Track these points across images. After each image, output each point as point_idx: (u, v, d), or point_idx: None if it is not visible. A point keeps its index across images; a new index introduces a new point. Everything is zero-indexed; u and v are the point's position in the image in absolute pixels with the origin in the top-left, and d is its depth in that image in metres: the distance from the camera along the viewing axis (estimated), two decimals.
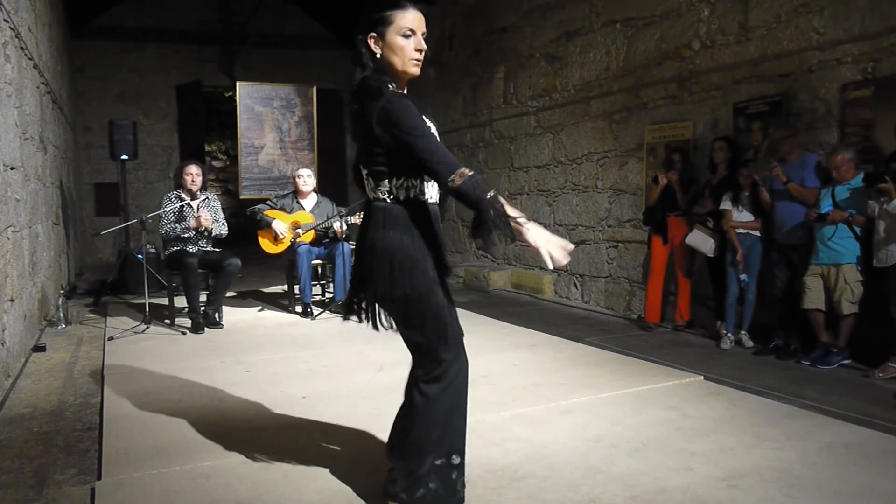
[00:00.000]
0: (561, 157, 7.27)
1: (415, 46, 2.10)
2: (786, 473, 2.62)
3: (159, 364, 4.50)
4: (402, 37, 2.09)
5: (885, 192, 3.93)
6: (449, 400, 2.19)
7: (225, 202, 16.81)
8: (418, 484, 2.20)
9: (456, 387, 2.20)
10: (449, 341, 2.18)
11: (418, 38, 2.10)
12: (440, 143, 2.08)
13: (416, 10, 2.11)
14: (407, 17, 2.09)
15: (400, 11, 2.09)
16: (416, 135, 2.02)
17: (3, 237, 4.19)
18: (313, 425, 3.23)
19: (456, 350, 2.20)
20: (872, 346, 4.17)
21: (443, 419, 2.20)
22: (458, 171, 1.96)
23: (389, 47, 2.10)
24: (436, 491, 2.20)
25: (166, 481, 2.64)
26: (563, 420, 3.27)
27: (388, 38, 2.10)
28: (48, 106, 6.94)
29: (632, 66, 6.26)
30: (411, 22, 2.09)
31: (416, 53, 2.10)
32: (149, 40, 11.34)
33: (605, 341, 5.12)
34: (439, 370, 2.18)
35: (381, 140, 2.08)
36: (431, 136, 2.07)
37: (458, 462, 2.24)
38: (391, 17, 2.09)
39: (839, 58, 4.54)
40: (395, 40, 2.09)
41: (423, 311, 2.17)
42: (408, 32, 2.09)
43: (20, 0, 5.29)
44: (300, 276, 6.17)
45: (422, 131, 2.03)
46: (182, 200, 5.74)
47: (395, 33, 2.09)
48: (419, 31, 2.10)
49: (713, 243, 5.05)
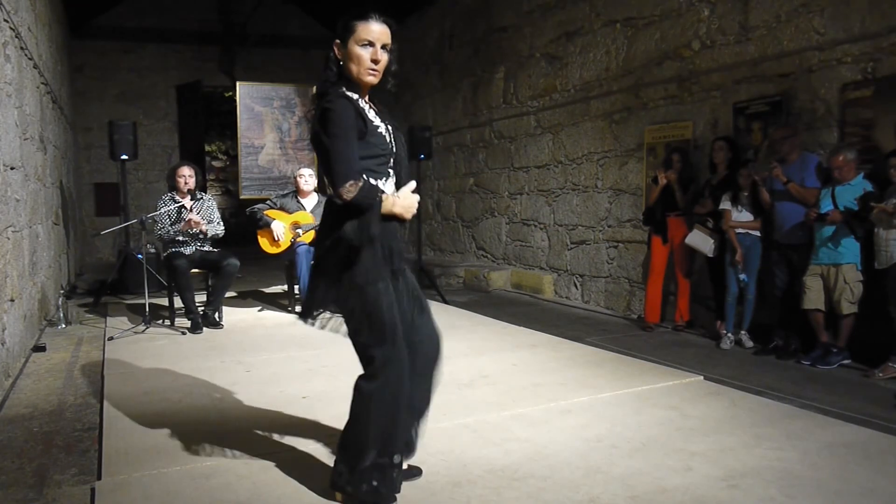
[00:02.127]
0: (561, 157, 7.28)
1: (370, 57, 2.20)
2: (786, 473, 2.62)
3: (159, 364, 4.50)
4: (360, 47, 2.21)
5: (881, 217, 3.97)
6: (385, 399, 2.23)
7: (225, 202, 16.84)
8: (361, 479, 2.27)
9: (392, 386, 2.23)
10: (385, 339, 2.21)
11: (376, 49, 2.21)
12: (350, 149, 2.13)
13: (380, 23, 2.21)
14: (368, 27, 2.20)
15: (362, 23, 2.20)
16: (330, 136, 2.13)
17: (3, 237, 4.19)
18: (313, 425, 3.23)
19: (391, 349, 2.21)
20: (872, 346, 4.18)
21: (381, 418, 2.24)
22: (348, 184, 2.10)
23: (349, 55, 2.23)
24: (377, 488, 2.27)
25: (166, 481, 2.64)
26: (563, 420, 3.27)
27: (349, 47, 2.22)
28: (48, 106, 6.94)
29: (632, 66, 6.26)
30: (371, 33, 2.20)
31: (371, 63, 2.21)
32: (149, 40, 11.35)
33: (605, 341, 5.12)
34: (372, 368, 2.24)
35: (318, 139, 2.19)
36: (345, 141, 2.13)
37: (398, 461, 2.31)
38: (353, 27, 2.21)
39: (839, 58, 4.54)
40: (354, 49, 2.21)
41: (359, 306, 2.23)
42: (366, 43, 2.20)
43: (20, 0, 5.29)
44: (300, 276, 6.17)
45: (337, 135, 2.13)
46: (176, 202, 5.74)
47: (355, 43, 2.21)
48: (379, 42, 2.21)
49: (713, 243, 5.05)
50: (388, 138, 2.28)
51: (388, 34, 2.23)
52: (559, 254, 7.34)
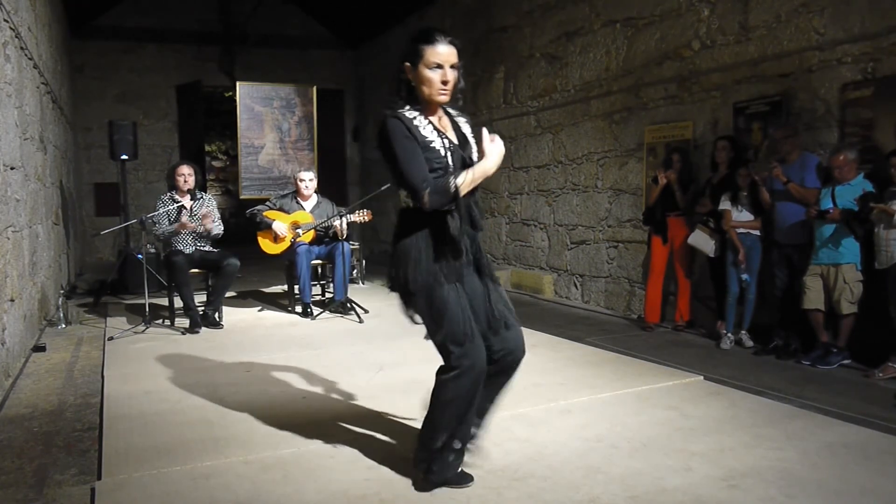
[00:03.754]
0: (561, 157, 7.28)
1: (440, 79, 2.32)
2: (786, 473, 2.62)
3: (159, 364, 4.50)
4: (430, 69, 2.32)
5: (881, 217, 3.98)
6: (458, 390, 2.37)
7: (225, 202, 16.84)
8: (433, 458, 2.48)
9: (464, 378, 2.36)
10: (456, 338, 2.34)
11: (445, 70, 2.32)
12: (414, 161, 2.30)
13: (447, 45, 2.31)
14: (436, 50, 2.30)
15: (430, 46, 2.30)
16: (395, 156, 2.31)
17: (3, 237, 4.19)
18: (313, 425, 3.23)
19: (465, 346, 2.34)
20: (872, 346, 4.17)
21: (452, 406, 2.40)
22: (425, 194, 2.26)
23: (419, 78, 2.34)
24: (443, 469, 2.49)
25: (166, 481, 2.64)
26: (563, 420, 3.27)
27: (419, 70, 2.33)
28: (48, 106, 6.94)
29: (632, 66, 6.26)
30: (439, 56, 2.31)
31: (441, 85, 2.33)
32: (149, 40, 11.34)
33: (605, 341, 5.12)
34: (448, 361, 2.38)
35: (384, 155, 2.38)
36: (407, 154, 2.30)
37: (458, 447, 2.49)
38: (422, 51, 2.31)
39: (839, 58, 4.54)
40: (424, 73, 2.33)
41: (427, 307, 2.38)
42: (435, 65, 2.31)
43: (20, 0, 5.29)
44: (300, 276, 6.17)
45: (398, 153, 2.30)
46: (175, 202, 5.74)
47: (424, 66, 2.32)
48: (447, 63, 2.32)
49: (714, 244, 5.05)
50: (443, 152, 2.35)
51: (455, 53, 2.33)
52: (559, 254, 7.34)
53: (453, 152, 2.38)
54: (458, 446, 2.49)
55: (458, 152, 2.40)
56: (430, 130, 2.37)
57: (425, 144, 2.34)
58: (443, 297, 2.34)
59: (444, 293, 2.34)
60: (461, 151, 2.42)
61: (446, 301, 2.33)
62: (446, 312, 2.33)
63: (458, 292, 2.37)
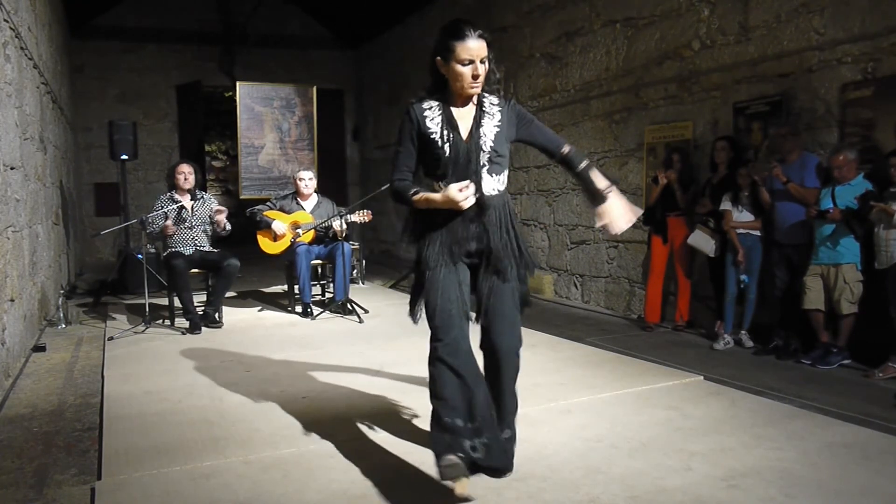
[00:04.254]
0: None
1: (472, 73, 2.37)
2: (786, 473, 2.62)
3: (159, 364, 4.50)
4: (461, 65, 2.37)
5: (881, 217, 3.98)
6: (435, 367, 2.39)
7: (225, 202, 16.82)
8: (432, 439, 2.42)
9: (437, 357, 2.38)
10: (435, 322, 2.41)
11: (476, 65, 2.37)
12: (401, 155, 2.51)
13: (477, 38, 2.36)
14: (466, 46, 2.35)
15: (460, 42, 2.35)
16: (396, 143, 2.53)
17: (3, 237, 4.19)
18: (313, 425, 3.23)
19: (442, 332, 2.39)
20: (872, 346, 4.17)
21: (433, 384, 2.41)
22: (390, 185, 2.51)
23: (451, 72, 2.40)
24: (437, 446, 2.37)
25: (166, 481, 2.64)
26: (563, 420, 3.27)
27: (451, 65, 2.39)
28: (48, 106, 6.93)
29: (632, 66, 6.26)
30: (469, 51, 2.35)
31: (472, 80, 2.38)
32: (149, 40, 11.34)
33: (605, 341, 5.12)
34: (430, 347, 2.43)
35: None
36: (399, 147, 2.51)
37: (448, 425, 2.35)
38: (453, 46, 2.36)
39: (839, 58, 4.54)
40: (456, 68, 2.38)
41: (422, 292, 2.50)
42: (466, 61, 2.36)
43: (20, 0, 5.29)
44: (300, 276, 6.17)
45: (397, 143, 2.52)
46: (175, 202, 5.73)
47: (455, 62, 2.37)
48: (478, 58, 2.36)
49: (714, 243, 5.05)
50: (441, 143, 2.44)
51: (485, 47, 2.37)
52: (559, 254, 7.34)
53: (453, 145, 2.43)
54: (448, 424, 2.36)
55: (460, 146, 2.43)
56: (438, 123, 2.45)
57: (427, 136, 2.45)
58: (431, 278, 2.44)
59: (433, 275, 2.44)
60: (465, 145, 2.44)
61: (431, 282, 2.44)
62: (430, 293, 2.44)
63: (448, 277, 2.44)
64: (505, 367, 2.51)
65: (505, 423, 2.58)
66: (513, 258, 2.50)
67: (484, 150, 2.45)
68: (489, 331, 2.49)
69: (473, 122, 2.48)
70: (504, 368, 2.51)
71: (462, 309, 2.44)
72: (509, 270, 2.49)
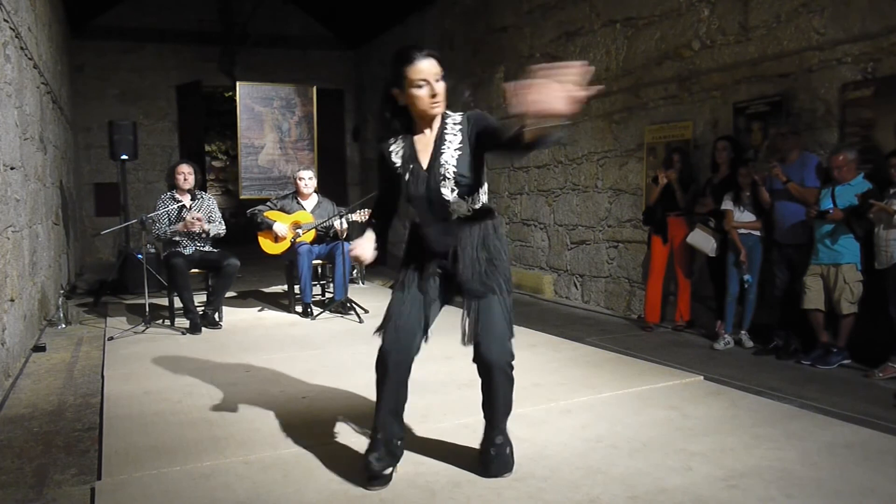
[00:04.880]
0: (561, 157, 7.27)
1: (429, 93, 2.35)
2: (786, 473, 2.62)
3: (159, 364, 4.50)
4: (416, 88, 2.34)
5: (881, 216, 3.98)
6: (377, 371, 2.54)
7: (225, 202, 16.84)
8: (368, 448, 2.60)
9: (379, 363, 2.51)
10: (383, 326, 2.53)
11: (431, 84, 2.34)
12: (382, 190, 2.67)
13: (426, 58, 2.33)
14: (416, 68, 2.32)
15: (409, 66, 2.32)
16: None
17: (3, 237, 4.19)
18: (313, 425, 3.23)
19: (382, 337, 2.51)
20: (872, 346, 4.18)
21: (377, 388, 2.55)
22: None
23: (410, 98, 2.38)
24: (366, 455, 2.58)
25: (166, 481, 2.64)
26: (563, 420, 3.27)
27: (407, 91, 2.36)
28: (48, 106, 6.93)
29: (632, 66, 6.26)
30: (420, 72, 2.32)
31: (430, 98, 2.36)
32: (149, 40, 11.34)
33: (605, 341, 5.12)
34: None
35: None
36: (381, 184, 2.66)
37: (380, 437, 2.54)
38: (404, 71, 2.33)
39: (839, 58, 4.54)
40: (412, 92, 2.35)
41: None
42: (420, 83, 2.33)
43: (20, 0, 5.29)
44: (300, 276, 6.17)
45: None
46: (176, 202, 5.73)
47: (409, 86, 2.34)
48: (431, 77, 2.34)
49: (714, 243, 5.05)
50: (407, 177, 2.46)
51: (437, 64, 2.35)
52: (559, 254, 7.34)
53: (413, 177, 2.45)
54: (379, 436, 2.54)
55: (419, 176, 2.45)
56: (401, 156, 2.48)
57: (393, 171, 2.51)
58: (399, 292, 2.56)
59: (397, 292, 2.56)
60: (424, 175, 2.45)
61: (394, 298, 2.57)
62: (390, 307, 2.55)
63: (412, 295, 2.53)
64: (496, 380, 2.52)
65: (497, 429, 2.62)
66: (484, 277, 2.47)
67: (447, 177, 2.41)
68: (479, 345, 2.49)
69: (434, 149, 2.45)
70: (495, 381, 2.52)
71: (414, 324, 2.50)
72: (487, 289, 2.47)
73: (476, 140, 2.42)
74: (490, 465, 2.62)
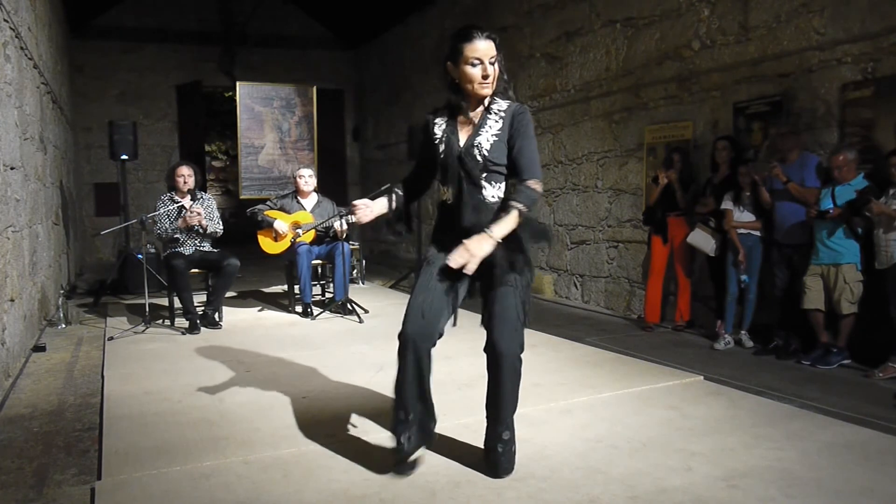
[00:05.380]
0: (561, 157, 7.28)
1: (481, 73, 2.45)
2: (786, 473, 2.62)
3: (159, 364, 4.50)
4: (469, 66, 2.44)
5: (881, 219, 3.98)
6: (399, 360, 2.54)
7: (225, 202, 16.85)
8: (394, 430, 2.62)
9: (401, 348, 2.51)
10: (405, 313, 2.54)
11: (485, 65, 2.44)
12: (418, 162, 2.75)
13: (484, 39, 2.43)
14: (474, 47, 2.43)
15: (468, 43, 2.43)
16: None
17: (3, 237, 4.19)
18: (313, 425, 3.23)
19: (405, 324, 2.51)
20: (872, 346, 4.18)
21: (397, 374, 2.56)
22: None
23: (462, 75, 2.48)
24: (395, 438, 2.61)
25: (166, 481, 2.64)
26: (563, 420, 3.27)
27: (460, 67, 2.47)
28: (48, 106, 6.93)
29: (632, 66, 6.26)
30: (477, 51, 2.43)
31: (482, 78, 2.46)
32: (149, 40, 11.34)
33: (605, 341, 5.12)
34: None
35: None
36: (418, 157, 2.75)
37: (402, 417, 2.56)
38: (461, 48, 2.44)
39: (839, 58, 4.54)
40: (465, 69, 2.46)
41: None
42: (475, 62, 2.44)
43: (20, 0, 5.29)
44: (300, 276, 6.17)
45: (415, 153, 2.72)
46: (176, 202, 5.73)
47: (464, 63, 2.45)
48: (486, 58, 2.44)
49: (714, 243, 5.05)
50: (442, 148, 2.56)
51: (493, 47, 2.45)
52: (559, 254, 7.34)
53: (449, 151, 2.54)
54: (402, 417, 2.55)
55: (454, 152, 2.53)
56: (443, 130, 2.58)
57: (432, 141, 2.60)
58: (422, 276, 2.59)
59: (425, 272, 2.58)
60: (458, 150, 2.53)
61: (421, 278, 2.59)
62: (417, 286, 2.58)
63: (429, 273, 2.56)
64: (505, 370, 2.54)
65: (504, 424, 2.61)
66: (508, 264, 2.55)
67: (478, 159, 2.51)
68: (491, 333, 2.54)
69: (473, 130, 2.54)
70: (504, 371, 2.54)
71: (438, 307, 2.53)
72: (509, 276, 2.54)
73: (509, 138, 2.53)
74: (498, 463, 2.61)
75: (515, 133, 2.51)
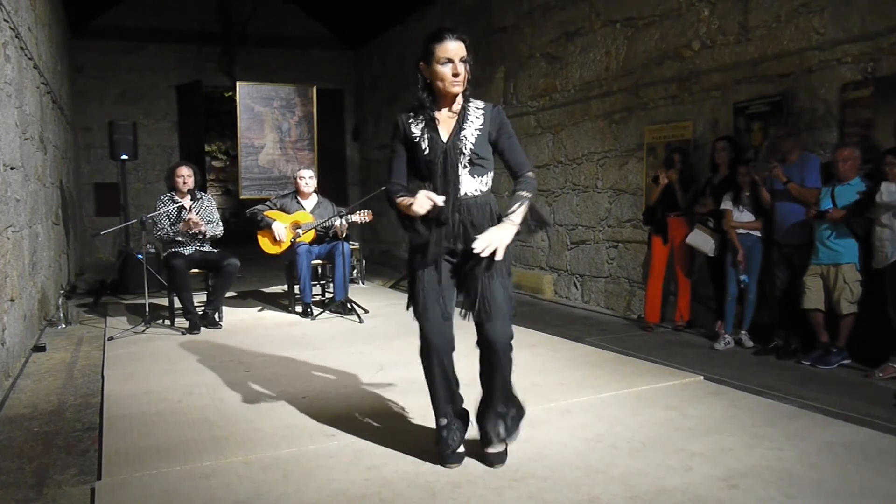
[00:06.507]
0: (561, 157, 7.28)
1: (451, 72, 2.54)
2: (786, 473, 2.62)
3: (159, 364, 4.50)
4: (441, 65, 2.54)
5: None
6: (424, 364, 2.67)
7: (225, 202, 16.84)
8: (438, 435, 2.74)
9: (424, 353, 2.64)
10: (419, 313, 2.64)
11: (455, 63, 2.53)
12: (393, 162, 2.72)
13: (454, 40, 2.53)
14: (445, 47, 2.53)
15: (439, 44, 2.53)
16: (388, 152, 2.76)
17: (3, 237, 4.19)
18: (313, 425, 3.23)
19: (422, 323, 2.62)
20: (872, 346, 4.17)
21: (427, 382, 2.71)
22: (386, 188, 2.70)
23: (433, 73, 2.58)
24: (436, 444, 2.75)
25: (166, 481, 2.64)
26: (563, 420, 3.27)
27: (432, 66, 2.57)
28: (48, 106, 6.94)
29: (632, 66, 6.26)
30: (447, 51, 2.53)
31: (453, 77, 2.55)
32: (149, 40, 11.34)
33: (605, 341, 5.12)
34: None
35: None
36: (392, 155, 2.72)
37: (443, 423, 2.70)
38: (432, 49, 2.55)
39: (839, 58, 4.54)
40: (436, 68, 2.56)
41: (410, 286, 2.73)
42: (445, 60, 2.53)
43: (20, 0, 5.29)
44: (300, 276, 6.17)
45: (390, 151, 2.73)
46: (175, 202, 5.73)
47: (436, 62, 2.55)
48: (456, 58, 2.53)
49: (714, 243, 5.05)
50: (424, 146, 2.62)
51: (463, 48, 2.54)
52: (559, 254, 7.34)
53: (433, 146, 2.61)
54: (443, 423, 2.69)
55: (439, 146, 2.60)
56: (421, 128, 2.64)
57: (411, 140, 2.65)
58: (415, 277, 2.66)
59: (417, 274, 2.64)
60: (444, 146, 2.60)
61: (415, 281, 2.66)
62: (414, 291, 2.66)
63: (429, 275, 2.62)
64: (500, 361, 2.61)
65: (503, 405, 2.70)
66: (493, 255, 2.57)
67: (464, 153, 2.59)
68: (483, 324, 2.59)
69: (455, 125, 2.63)
70: (498, 361, 2.61)
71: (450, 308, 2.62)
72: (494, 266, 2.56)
73: (496, 137, 2.65)
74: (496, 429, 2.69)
75: (499, 133, 2.65)
